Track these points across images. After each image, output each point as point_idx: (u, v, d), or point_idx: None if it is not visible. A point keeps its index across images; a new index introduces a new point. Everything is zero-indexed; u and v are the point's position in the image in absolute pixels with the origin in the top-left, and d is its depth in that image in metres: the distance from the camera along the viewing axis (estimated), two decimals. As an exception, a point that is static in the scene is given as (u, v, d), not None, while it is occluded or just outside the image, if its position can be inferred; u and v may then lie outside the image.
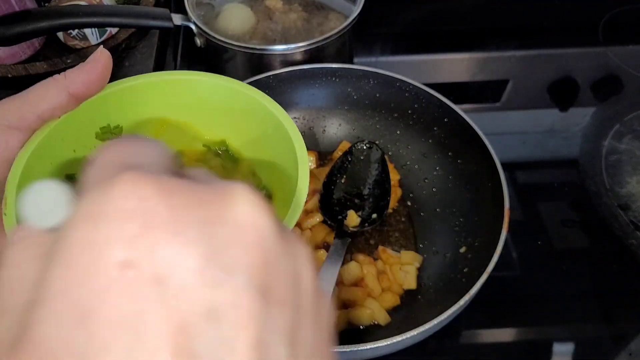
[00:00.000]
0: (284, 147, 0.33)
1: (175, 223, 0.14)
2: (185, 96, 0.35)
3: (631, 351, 0.53)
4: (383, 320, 0.53)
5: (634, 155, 0.69)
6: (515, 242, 0.61)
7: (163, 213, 0.14)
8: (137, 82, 0.33)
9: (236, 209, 0.15)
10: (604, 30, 0.85)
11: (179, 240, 0.14)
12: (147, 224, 0.14)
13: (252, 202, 0.16)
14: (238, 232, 0.15)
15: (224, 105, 0.35)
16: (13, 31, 0.54)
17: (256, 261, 0.15)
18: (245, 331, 0.14)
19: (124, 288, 0.13)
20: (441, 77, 0.83)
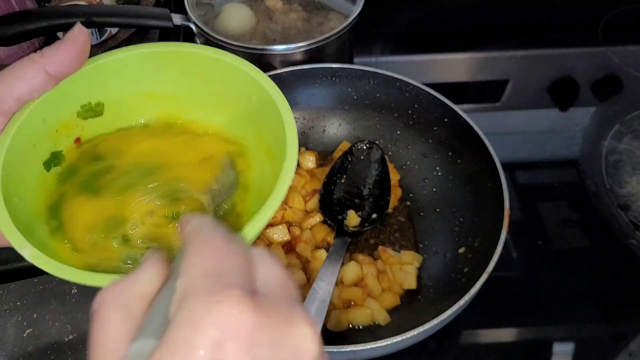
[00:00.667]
0: (273, 119, 0.32)
1: (254, 342, 0.18)
2: (169, 69, 0.34)
3: (631, 351, 0.53)
4: (383, 320, 0.53)
5: (634, 155, 0.69)
6: (515, 242, 0.61)
7: (248, 332, 0.18)
8: (117, 56, 0.33)
9: (297, 335, 0.19)
10: (604, 30, 0.85)
11: (251, 356, 0.18)
12: (234, 337, 0.18)
13: (309, 332, 0.20)
14: (294, 356, 0.19)
15: (209, 77, 0.34)
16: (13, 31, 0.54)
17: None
18: None
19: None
20: (441, 77, 0.83)
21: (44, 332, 0.52)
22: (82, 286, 0.53)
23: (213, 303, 0.18)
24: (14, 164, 0.29)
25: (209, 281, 0.19)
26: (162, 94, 0.36)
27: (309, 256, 0.56)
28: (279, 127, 0.31)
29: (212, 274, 0.20)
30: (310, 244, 0.57)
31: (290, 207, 0.60)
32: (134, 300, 0.20)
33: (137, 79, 0.34)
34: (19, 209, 0.28)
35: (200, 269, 0.20)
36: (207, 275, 0.20)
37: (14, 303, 0.54)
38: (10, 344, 0.51)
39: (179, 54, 0.34)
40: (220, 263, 0.20)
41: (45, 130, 0.31)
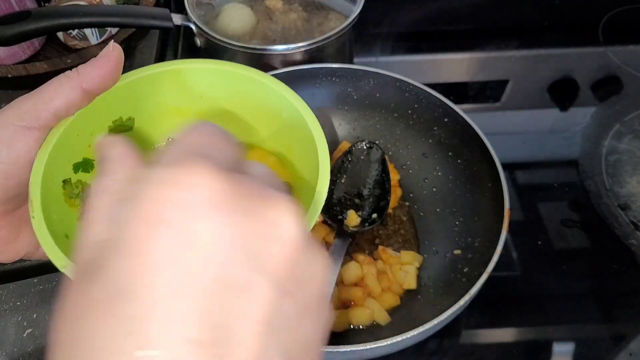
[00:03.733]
0: (303, 137, 0.32)
1: (221, 204, 0.17)
2: (200, 85, 0.35)
3: (631, 351, 0.53)
4: (383, 320, 0.53)
5: (634, 155, 0.69)
6: (515, 242, 0.61)
7: (215, 194, 0.17)
8: (150, 73, 0.33)
9: (275, 210, 0.18)
10: (604, 30, 0.85)
11: (217, 219, 0.17)
12: (199, 198, 0.17)
13: (290, 210, 0.19)
14: (270, 230, 0.18)
15: (241, 94, 0.35)
16: (13, 31, 0.54)
17: (279, 255, 0.18)
18: (256, 307, 0.17)
19: (165, 242, 0.17)
20: (441, 77, 0.83)
21: (44, 332, 0.52)
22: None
23: (176, 168, 0.18)
24: (52, 180, 0.29)
25: (187, 154, 0.19)
26: (193, 111, 0.36)
27: (309, 256, 0.56)
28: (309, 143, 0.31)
29: (194, 150, 0.20)
30: (310, 244, 0.57)
31: (290, 207, 0.59)
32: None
33: (168, 96, 0.35)
34: (57, 226, 0.28)
35: (183, 144, 0.20)
36: (188, 150, 0.20)
37: (14, 303, 0.54)
38: (10, 344, 0.51)
39: (207, 71, 0.34)
40: (206, 142, 0.20)
41: (79, 145, 0.32)
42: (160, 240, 0.17)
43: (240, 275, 0.17)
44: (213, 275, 0.17)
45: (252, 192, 0.18)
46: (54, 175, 0.29)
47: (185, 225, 0.17)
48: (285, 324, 0.18)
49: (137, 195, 0.18)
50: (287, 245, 0.18)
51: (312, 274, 0.19)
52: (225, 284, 0.17)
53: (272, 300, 0.17)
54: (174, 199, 0.17)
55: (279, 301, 0.17)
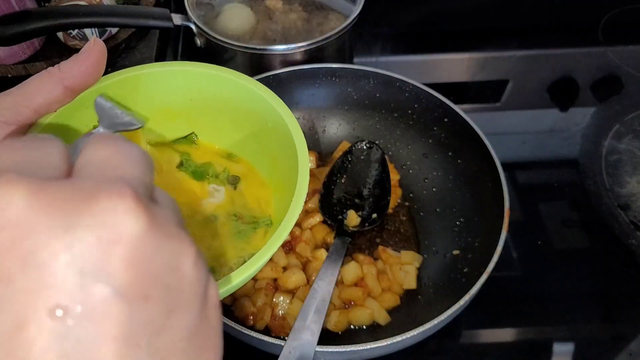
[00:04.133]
0: (284, 142, 0.32)
1: (31, 224, 0.15)
2: (185, 88, 0.35)
3: (631, 351, 0.53)
4: (383, 320, 0.53)
5: (634, 155, 0.69)
6: (515, 242, 0.61)
7: (22, 213, 0.15)
8: (134, 74, 0.33)
9: (97, 212, 0.16)
10: (604, 30, 0.85)
11: (30, 243, 0.15)
12: (5, 221, 0.15)
13: (116, 205, 0.16)
14: (97, 235, 0.15)
15: (224, 97, 0.35)
16: (13, 31, 0.54)
17: (116, 261, 0.15)
18: (104, 328, 0.15)
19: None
20: (441, 77, 0.83)
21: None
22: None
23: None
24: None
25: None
26: (181, 114, 0.36)
27: (309, 256, 0.56)
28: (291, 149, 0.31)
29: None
30: (310, 244, 0.57)
31: (290, 207, 0.59)
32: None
33: (154, 96, 0.35)
34: None
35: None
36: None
37: (14, 303, 0.54)
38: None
39: (195, 73, 0.34)
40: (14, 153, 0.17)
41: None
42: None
43: (79, 299, 0.15)
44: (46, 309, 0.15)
45: (66, 199, 0.16)
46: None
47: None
48: (147, 331, 0.16)
49: None
50: (122, 247, 0.16)
51: (172, 264, 0.17)
52: (67, 315, 0.15)
53: (121, 313, 0.15)
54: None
55: (131, 310, 0.16)
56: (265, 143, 0.36)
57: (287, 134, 0.32)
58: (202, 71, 0.34)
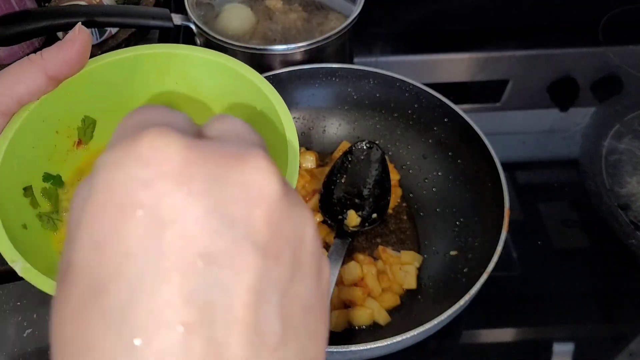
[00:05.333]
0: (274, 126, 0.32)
1: (186, 175, 0.16)
2: (170, 71, 0.34)
3: (631, 351, 0.53)
4: (383, 320, 0.53)
5: (634, 155, 0.69)
6: (515, 242, 0.61)
7: (177, 165, 0.16)
8: (118, 57, 0.32)
9: (245, 170, 0.17)
10: (604, 30, 0.85)
11: (185, 191, 0.16)
12: (161, 172, 0.16)
13: (262, 168, 0.17)
14: (243, 191, 0.17)
15: (211, 80, 0.34)
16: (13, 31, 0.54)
17: (257, 218, 0.17)
18: (241, 277, 0.16)
19: (133, 225, 0.15)
20: (441, 77, 0.83)
21: (44, 332, 0.52)
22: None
23: (131, 143, 0.16)
24: (12, 167, 0.29)
25: (132, 129, 0.17)
26: (166, 98, 0.36)
27: (309, 256, 0.56)
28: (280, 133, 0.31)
29: (143, 122, 0.17)
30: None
31: (290, 207, 0.59)
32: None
33: (139, 81, 0.34)
34: (14, 215, 0.28)
35: (130, 119, 0.18)
36: (136, 124, 0.17)
37: (14, 303, 0.54)
38: (10, 344, 0.51)
39: (182, 56, 0.34)
40: (155, 114, 0.18)
41: (45, 131, 0.31)
42: (125, 225, 0.15)
43: (219, 247, 0.16)
44: (190, 252, 0.15)
45: (217, 155, 0.17)
46: (14, 163, 0.29)
47: (150, 204, 0.16)
48: (277, 289, 0.17)
49: (93, 183, 0.16)
50: (264, 205, 0.17)
51: (298, 232, 0.18)
52: (205, 258, 0.16)
53: (258, 266, 0.16)
54: (132, 179, 0.16)
55: (266, 266, 0.16)
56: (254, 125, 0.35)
57: (276, 117, 0.32)
58: (186, 53, 0.33)
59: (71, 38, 0.28)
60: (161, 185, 0.16)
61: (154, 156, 0.16)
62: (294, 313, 0.17)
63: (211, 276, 0.16)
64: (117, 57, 0.32)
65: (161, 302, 0.15)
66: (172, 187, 0.16)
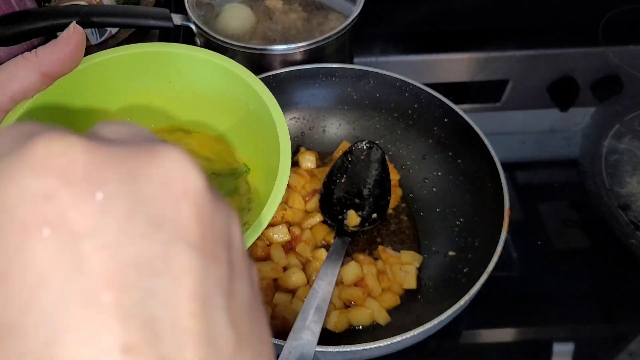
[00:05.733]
0: (266, 124, 0.32)
1: (94, 179, 0.14)
2: (163, 70, 0.34)
3: (631, 351, 0.53)
4: (383, 320, 0.53)
5: (634, 155, 0.69)
6: (515, 242, 0.61)
7: (82, 169, 0.14)
8: (112, 56, 0.32)
9: (162, 165, 0.15)
10: (604, 30, 0.85)
11: (97, 196, 0.14)
12: (65, 180, 0.13)
13: (180, 160, 0.15)
14: (164, 188, 0.15)
15: (203, 79, 0.34)
16: (13, 31, 0.54)
17: (186, 215, 0.15)
18: (182, 283, 0.14)
19: (41, 248, 0.13)
20: (441, 77, 0.83)
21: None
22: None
23: (23, 152, 0.14)
24: None
25: (19, 137, 0.15)
26: (161, 96, 0.36)
27: (309, 256, 0.56)
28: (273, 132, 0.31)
29: (26, 131, 0.15)
30: (310, 244, 0.57)
31: (290, 207, 0.60)
32: None
33: (133, 79, 0.34)
34: None
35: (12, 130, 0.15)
36: (19, 133, 0.15)
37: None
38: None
39: (175, 55, 0.34)
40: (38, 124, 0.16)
41: None
42: (31, 249, 0.13)
43: (150, 252, 0.14)
44: (117, 263, 0.13)
45: (127, 152, 0.15)
46: None
47: (57, 219, 0.13)
48: (221, 291, 0.15)
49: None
50: (191, 200, 0.15)
51: (227, 229, 0.16)
52: (136, 268, 0.13)
53: (197, 268, 0.14)
54: (30, 193, 0.13)
55: (205, 267, 0.15)
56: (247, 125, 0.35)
57: (268, 116, 0.32)
58: (179, 52, 0.34)
59: (66, 37, 0.28)
60: (66, 194, 0.13)
61: (54, 163, 0.14)
62: (241, 317, 0.16)
63: (148, 287, 0.14)
64: (110, 56, 0.33)
65: (94, 328, 0.13)
66: (80, 195, 0.13)
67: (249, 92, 0.33)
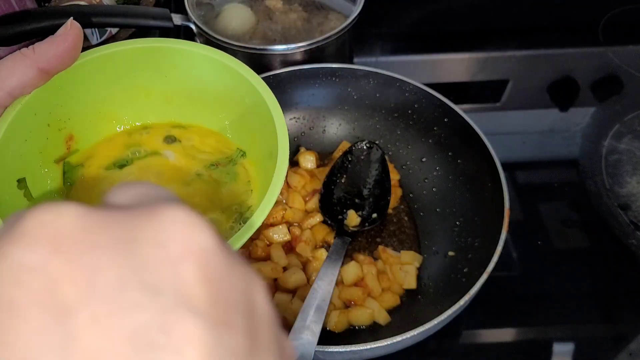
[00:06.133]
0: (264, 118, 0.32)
1: (84, 245, 0.13)
2: (159, 65, 0.34)
3: (631, 351, 0.53)
4: (383, 320, 0.53)
5: (634, 155, 0.69)
6: (515, 242, 0.61)
7: (72, 236, 0.13)
8: (109, 51, 0.32)
9: (161, 225, 0.14)
10: (604, 30, 0.85)
11: (87, 265, 0.13)
12: (53, 250, 0.13)
13: (182, 219, 0.14)
14: (162, 249, 0.13)
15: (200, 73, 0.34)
16: (13, 31, 0.54)
17: (189, 278, 0.13)
18: (188, 355, 0.12)
19: (29, 328, 0.12)
20: (441, 77, 0.83)
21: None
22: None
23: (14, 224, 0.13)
24: (5, 160, 0.29)
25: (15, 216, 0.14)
26: (158, 92, 0.36)
27: (309, 256, 0.56)
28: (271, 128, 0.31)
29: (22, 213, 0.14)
30: (310, 244, 0.57)
31: (290, 207, 0.60)
32: None
33: (130, 74, 0.34)
34: (11, 206, 0.28)
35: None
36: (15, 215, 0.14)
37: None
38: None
39: (172, 50, 0.34)
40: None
41: (36, 125, 0.31)
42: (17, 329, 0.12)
43: (148, 322, 0.12)
44: (112, 338, 0.12)
45: (122, 215, 0.14)
46: (8, 155, 0.29)
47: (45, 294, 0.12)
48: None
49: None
50: (194, 261, 0.13)
51: (246, 296, 0.15)
52: (134, 342, 0.12)
53: (204, 337, 0.13)
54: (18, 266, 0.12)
55: (216, 336, 0.13)
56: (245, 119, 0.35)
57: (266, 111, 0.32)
58: (176, 47, 0.34)
59: (63, 33, 0.28)
60: (55, 264, 0.12)
61: (43, 233, 0.13)
62: None
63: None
64: (107, 51, 0.33)
65: None
66: (69, 264, 0.13)
67: (247, 87, 0.33)
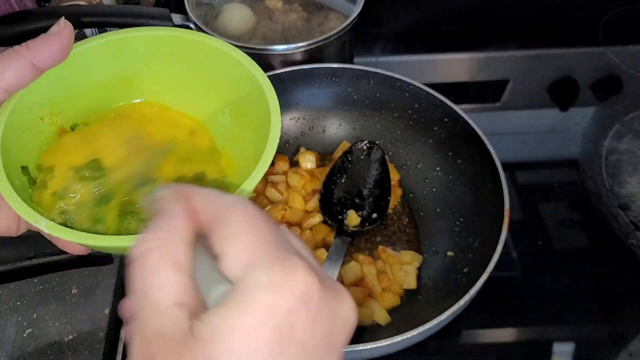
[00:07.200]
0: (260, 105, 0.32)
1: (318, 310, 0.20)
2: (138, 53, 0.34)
3: (631, 351, 0.53)
4: (383, 320, 0.53)
5: (634, 155, 0.69)
6: (515, 242, 0.61)
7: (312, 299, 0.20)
8: (99, 42, 0.33)
9: (345, 305, 0.22)
10: (604, 30, 0.85)
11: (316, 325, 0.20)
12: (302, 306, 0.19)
13: (351, 302, 0.22)
14: (343, 323, 0.21)
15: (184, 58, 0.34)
16: (13, 31, 0.54)
17: (343, 343, 0.22)
18: None
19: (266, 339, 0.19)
20: (441, 77, 0.83)
21: (44, 332, 0.52)
22: (82, 286, 0.53)
23: (289, 271, 0.19)
24: (9, 149, 0.29)
25: (269, 249, 0.20)
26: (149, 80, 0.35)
27: (309, 256, 0.56)
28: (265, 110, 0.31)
29: (265, 242, 0.21)
30: (310, 244, 0.57)
31: (290, 207, 0.60)
32: (180, 248, 0.20)
33: (124, 64, 0.34)
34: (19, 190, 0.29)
35: (250, 235, 0.21)
36: (261, 242, 0.20)
37: (14, 303, 0.54)
38: (10, 344, 0.51)
39: (166, 38, 0.34)
40: (265, 230, 0.21)
41: (31, 118, 0.32)
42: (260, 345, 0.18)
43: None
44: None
45: (328, 288, 0.21)
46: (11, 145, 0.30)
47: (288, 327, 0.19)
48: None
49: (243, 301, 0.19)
50: (348, 334, 0.21)
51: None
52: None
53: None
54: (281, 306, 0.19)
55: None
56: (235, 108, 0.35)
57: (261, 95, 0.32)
58: (170, 34, 0.34)
59: (57, 32, 0.30)
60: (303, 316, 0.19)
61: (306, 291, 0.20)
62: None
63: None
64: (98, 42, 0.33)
65: None
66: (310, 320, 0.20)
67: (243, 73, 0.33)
